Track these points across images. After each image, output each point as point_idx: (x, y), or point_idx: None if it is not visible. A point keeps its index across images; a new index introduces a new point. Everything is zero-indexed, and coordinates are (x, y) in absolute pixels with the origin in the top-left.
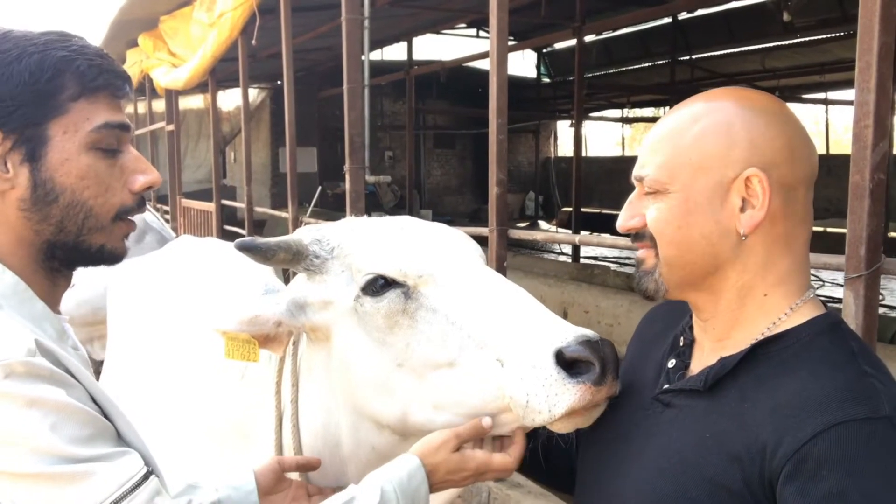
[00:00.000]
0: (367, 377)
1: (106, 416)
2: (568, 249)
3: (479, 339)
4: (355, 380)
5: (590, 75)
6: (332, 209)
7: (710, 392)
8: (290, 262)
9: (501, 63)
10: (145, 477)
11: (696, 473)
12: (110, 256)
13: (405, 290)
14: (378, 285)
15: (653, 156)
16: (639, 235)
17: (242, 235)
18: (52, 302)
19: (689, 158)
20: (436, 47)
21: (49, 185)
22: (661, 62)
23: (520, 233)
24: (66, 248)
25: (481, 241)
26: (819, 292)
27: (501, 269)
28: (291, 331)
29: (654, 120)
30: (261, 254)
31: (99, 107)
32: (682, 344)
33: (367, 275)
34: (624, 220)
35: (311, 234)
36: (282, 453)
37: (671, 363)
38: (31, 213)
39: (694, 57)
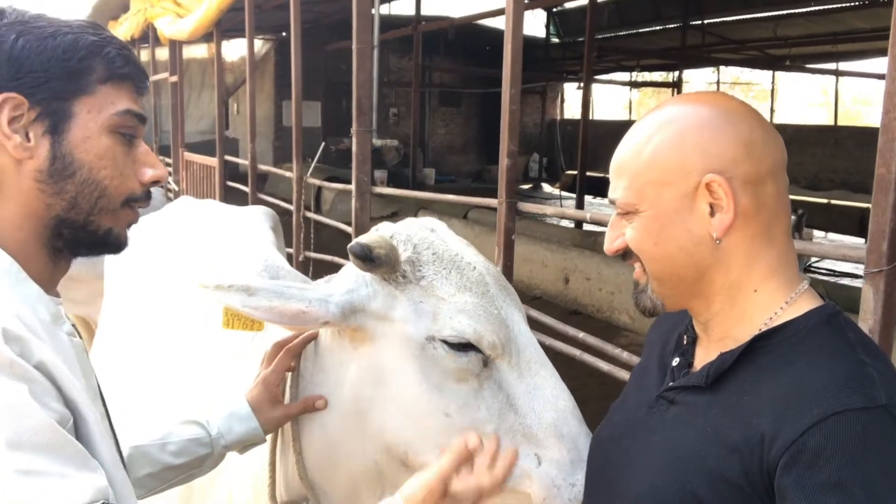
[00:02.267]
0: (407, 409)
1: (77, 417)
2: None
3: (529, 431)
4: (391, 404)
5: (600, 37)
6: (335, 164)
7: (711, 387)
8: (378, 270)
9: (517, 30)
10: None
11: (697, 466)
12: (115, 242)
13: (485, 358)
14: (462, 343)
15: (618, 179)
16: (627, 254)
17: (245, 193)
18: (50, 284)
19: (649, 177)
20: (445, 3)
21: (68, 159)
22: (672, 26)
23: (527, 205)
24: (74, 227)
25: (490, 212)
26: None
27: (509, 242)
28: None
29: (662, 85)
30: (370, 265)
31: (123, 94)
32: (685, 342)
33: (457, 336)
34: (609, 242)
35: (405, 249)
36: (277, 444)
37: (675, 361)
38: (45, 186)
39: (706, 22)
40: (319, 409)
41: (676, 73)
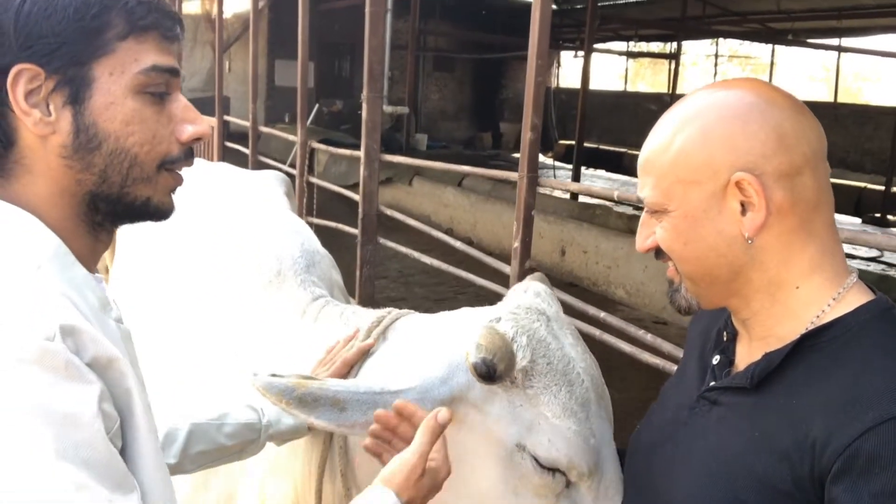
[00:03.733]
0: (476, 500)
1: (127, 414)
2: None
3: None
4: (462, 487)
5: (601, 5)
6: (327, 127)
7: (757, 389)
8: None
9: (546, 4)
10: None
11: (745, 474)
12: (157, 211)
13: (568, 480)
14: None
15: (645, 177)
16: (659, 252)
17: (244, 154)
18: (92, 260)
19: (676, 176)
20: None
21: (92, 130)
22: None
23: (548, 181)
24: (109, 201)
25: (511, 186)
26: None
27: (529, 218)
28: None
29: (659, 56)
30: (491, 381)
31: (148, 48)
32: (724, 339)
33: (551, 461)
34: (640, 241)
35: (522, 357)
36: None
37: (716, 359)
38: (72, 161)
39: None
40: None
41: (674, 44)
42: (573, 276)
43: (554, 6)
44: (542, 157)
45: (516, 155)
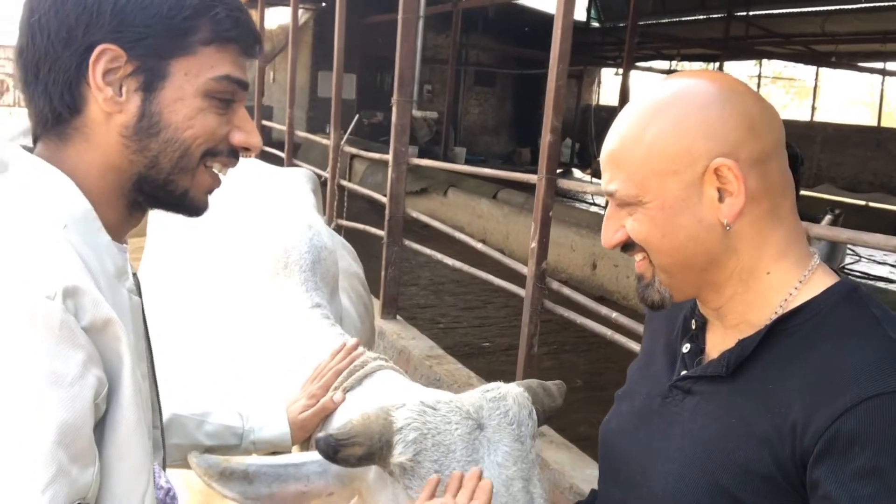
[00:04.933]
0: None
1: (115, 381)
2: (601, 200)
3: None
4: None
5: (642, 23)
6: (366, 138)
7: (732, 376)
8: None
9: (569, 7)
10: None
11: (725, 460)
12: (191, 206)
13: None
14: None
15: (615, 171)
16: (627, 246)
17: (280, 158)
18: (121, 233)
19: (651, 168)
20: None
21: (156, 118)
22: (716, 16)
23: (567, 182)
24: (154, 185)
25: (529, 188)
26: (856, 267)
27: (546, 219)
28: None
29: None
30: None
31: (226, 58)
32: (693, 327)
33: None
34: (608, 236)
35: (401, 452)
36: None
37: (686, 348)
38: (129, 142)
39: (751, 13)
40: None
41: (717, 64)
42: (604, 289)
43: (596, 24)
44: (579, 174)
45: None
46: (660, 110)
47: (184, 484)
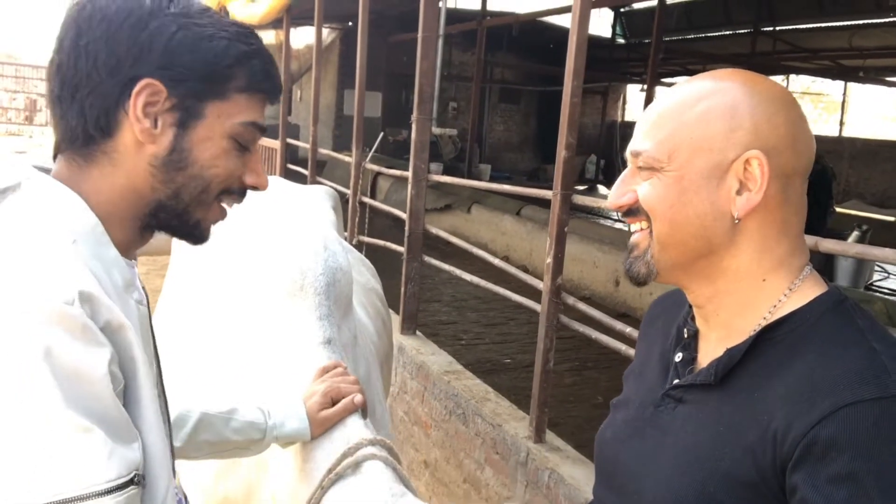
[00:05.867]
0: None
1: (131, 381)
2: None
3: None
4: None
5: (667, 39)
6: (391, 155)
7: (720, 384)
8: None
9: (583, 23)
10: (123, 486)
11: (712, 468)
12: (199, 234)
13: None
14: None
15: (653, 130)
16: (631, 211)
17: (304, 175)
18: (129, 251)
19: (689, 137)
20: None
21: (185, 154)
22: (742, 31)
23: (582, 198)
24: (170, 214)
25: (544, 203)
26: (884, 284)
27: (562, 234)
28: None
29: None
30: None
31: (253, 105)
32: (686, 336)
33: None
34: (615, 196)
35: None
36: None
37: (678, 357)
38: (157, 171)
39: (777, 28)
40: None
41: None
42: (626, 306)
43: (622, 40)
44: (604, 190)
45: (580, 187)
46: (721, 90)
47: (195, 487)
